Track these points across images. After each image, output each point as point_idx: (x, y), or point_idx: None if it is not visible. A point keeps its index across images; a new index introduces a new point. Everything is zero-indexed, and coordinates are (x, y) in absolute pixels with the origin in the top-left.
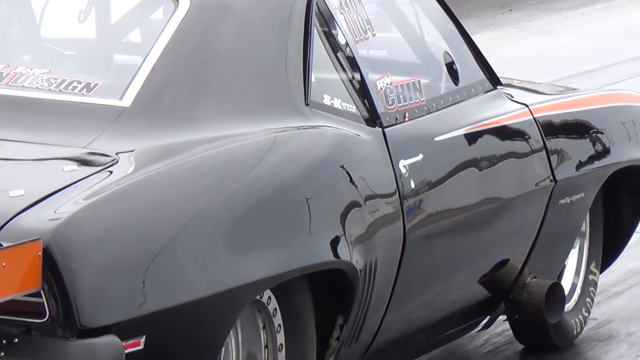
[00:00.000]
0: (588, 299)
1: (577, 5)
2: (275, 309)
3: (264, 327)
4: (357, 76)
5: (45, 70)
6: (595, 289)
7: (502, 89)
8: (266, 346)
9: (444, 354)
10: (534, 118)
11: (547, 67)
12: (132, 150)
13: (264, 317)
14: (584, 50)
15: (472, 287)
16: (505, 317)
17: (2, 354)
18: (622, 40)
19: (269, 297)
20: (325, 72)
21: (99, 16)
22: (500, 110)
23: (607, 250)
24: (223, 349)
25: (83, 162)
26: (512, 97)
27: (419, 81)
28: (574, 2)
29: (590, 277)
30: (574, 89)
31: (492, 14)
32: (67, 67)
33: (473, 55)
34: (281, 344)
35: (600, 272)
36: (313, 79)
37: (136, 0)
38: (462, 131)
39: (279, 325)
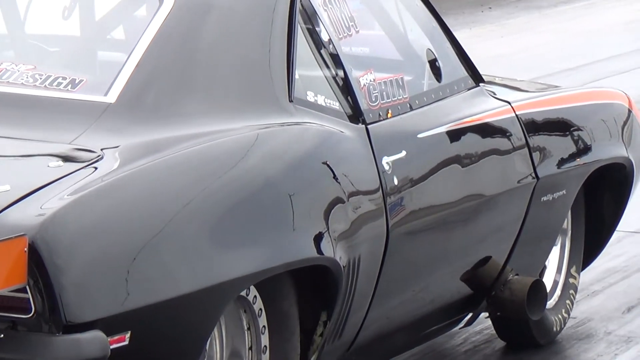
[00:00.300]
0: (568, 301)
1: (557, 3)
2: (261, 309)
3: (248, 329)
4: (341, 73)
5: (30, 67)
6: (576, 292)
7: (484, 86)
8: (250, 348)
9: (423, 352)
10: (516, 115)
11: (527, 64)
12: (117, 147)
13: (249, 318)
14: (564, 48)
15: (454, 284)
16: (487, 314)
17: None
18: (603, 37)
19: (255, 296)
20: (308, 68)
21: (83, 13)
22: (483, 107)
23: (588, 248)
24: (207, 345)
25: (68, 158)
26: (494, 94)
27: (402, 78)
28: (554, 0)
29: (571, 280)
30: (556, 87)
31: (471, 12)
32: (52, 64)
33: (456, 52)
34: (265, 346)
35: (582, 270)
36: (297, 76)
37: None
38: (444, 128)
39: (264, 326)
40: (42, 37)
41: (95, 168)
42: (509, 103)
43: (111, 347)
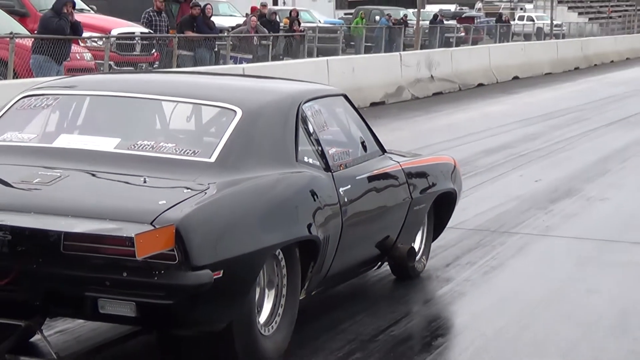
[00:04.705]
0: (424, 257)
1: (413, 116)
2: (283, 259)
3: (278, 270)
4: (320, 148)
5: (173, 144)
6: (428, 254)
7: (387, 154)
8: (277, 277)
9: (359, 279)
10: (402, 168)
11: (401, 145)
12: (215, 182)
13: (278, 264)
14: (419, 137)
15: (373, 248)
16: (387, 263)
17: (156, 278)
18: (437, 132)
19: (280, 253)
20: (305, 145)
21: (196, 119)
22: (386, 164)
23: (434, 233)
24: (258, 277)
25: (192, 187)
26: (391, 158)
27: (348, 150)
28: (412, 113)
29: (427, 248)
30: (420, 154)
31: (372, 121)
32: (183, 143)
33: (373, 138)
34: (285, 279)
35: (431, 243)
36: (299, 149)
37: (214, 112)
38: (368, 174)
39: (284, 268)
40: (177, 131)
41: (205, 192)
42: (399, 163)
43: (214, 277)
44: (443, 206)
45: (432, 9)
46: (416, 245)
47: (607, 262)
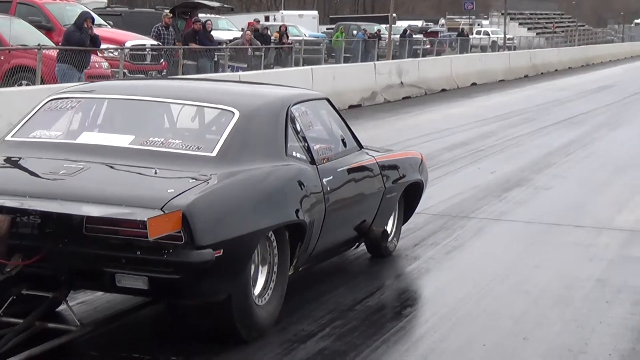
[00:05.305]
0: (395, 239)
1: (385, 117)
2: (274, 240)
3: (270, 250)
4: (306, 144)
5: (180, 141)
6: (399, 236)
7: (363, 150)
8: (270, 254)
9: (340, 258)
10: (377, 162)
11: (375, 142)
12: (216, 174)
13: (270, 244)
14: (391, 135)
15: (352, 231)
16: (364, 243)
17: (166, 256)
18: (406, 131)
19: (272, 235)
20: (293, 142)
21: (199, 119)
22: (363, 158)
23: (404, 218)
24: (253, 255)
25: (197, 178)
26: (367, 153)
27: (331, 146)
28: (385, 115)
29: (398, 230)
30: (391, 150)
31: (350, 121)
32: (188, 140)
33: (351, 135)
34: (276, 257)
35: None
36: (288, 145)
37: (214, 113)
38: (347, 167)
39: (276, 248)
40: (183, 129)
41: (208, 182)
42: (374, 157)
43: (215, 255)
44: (412, 194)
45: (402, 24)
46: (389, 228)
47: (553, 243)
